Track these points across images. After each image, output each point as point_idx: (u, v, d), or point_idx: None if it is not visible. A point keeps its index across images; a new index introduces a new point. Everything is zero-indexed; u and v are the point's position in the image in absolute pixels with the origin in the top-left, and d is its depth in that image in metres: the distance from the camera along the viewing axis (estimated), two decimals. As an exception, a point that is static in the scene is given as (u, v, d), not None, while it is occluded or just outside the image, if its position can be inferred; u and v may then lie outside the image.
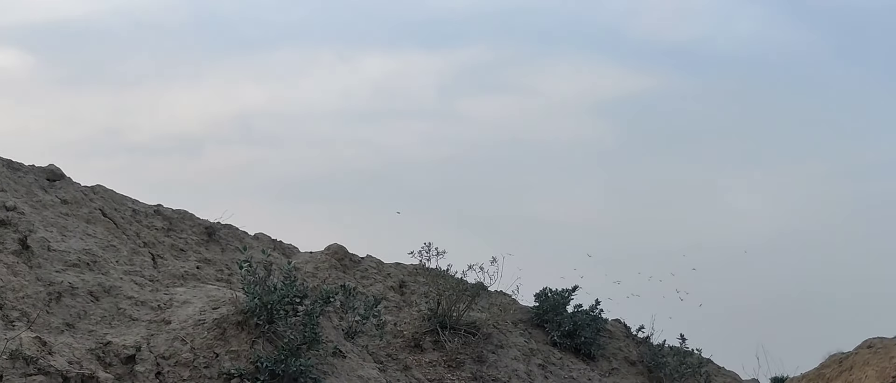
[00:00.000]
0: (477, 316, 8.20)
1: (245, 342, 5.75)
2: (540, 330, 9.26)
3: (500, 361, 7.60)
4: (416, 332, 7.55)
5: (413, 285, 8.86)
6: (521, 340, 8.41)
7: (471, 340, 7.64)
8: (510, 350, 7.95)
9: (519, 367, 7.70)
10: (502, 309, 9.14)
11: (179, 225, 8.26)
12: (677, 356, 9.78)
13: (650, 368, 9.68)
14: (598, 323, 9.64)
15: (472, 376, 7.16)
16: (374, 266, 9.13)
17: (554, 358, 8.60)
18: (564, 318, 9.27)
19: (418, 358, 7.23)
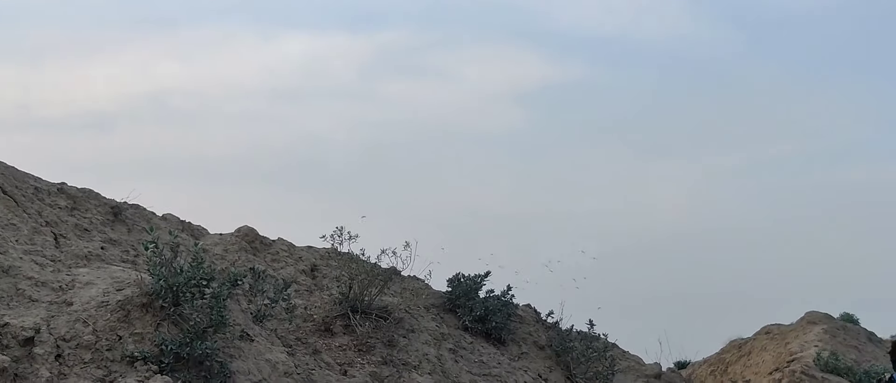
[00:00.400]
0: (389, 301, 8.22)
1: (150, 324, 5.64)
2: (452, 314, 9.35)
3: (410, 345, 7.64)
4: (327, 316, 7.52)
5: (325, 269, 8.83)
6: (432, 325, 8.47)
7: (382, 324, 7.65)
8: (421, 334, 8.00)
9: (430, 351, 7.76)
10: (414, 293, 9.19)
11: (84, 204, 8.01)
12: (584, 340, 10.01)
13: (558, 352, 9.88)
14: (509, 309, 9.79)
15: (383, 360, 7.18)
16: (286, 249, 9.05)
17: (465, 343, 8.69)
18: (476, 303, 9.38)
19: (328, 342, 7.20)
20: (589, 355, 9.68)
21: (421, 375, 7.23)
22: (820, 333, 29.91)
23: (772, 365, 25.35)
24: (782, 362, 24.99)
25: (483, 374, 8.13)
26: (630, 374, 11.28)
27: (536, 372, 9.14)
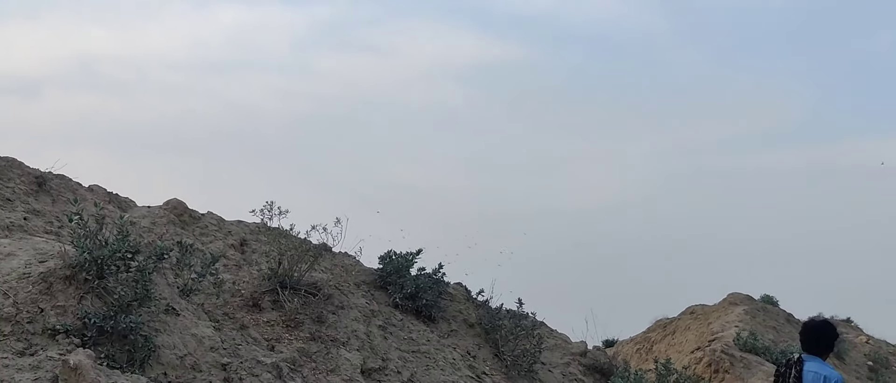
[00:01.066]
0: (319, 277, 8.22)
1: (72, 297, 5.55)
2: (382, 291, 9.39)
3: (339, 322, 7.67)
4: (256, 292, 7.49)
5: (255, 244, 8.78)
6: (362, 301, 8.50)
7: (311, 301, 7.65)
8: (351, 311, 8.03)
9: (359, 328, 7.80)
10: (345, 270, 9.20)
11: (6, 173, 7.81)
12: (513, 319, 10.16)
13: (487, 330, 10.02)
14: (440, 286, 9.88)
15: (311, 336, 7.19)
16: (215, 223, 8.97)
17: (395, 320, 8.75)
18: (407, 281, 9.44)
19: (256, 317, 7.19)
20: (517, 333, 9.82)
21: (349, 352, 7.27)
22: (741, 314, 30.88)
23: (694, 345, 26.10)
24: (704, 341, 25.74)
25: (412, 351, 8.21)
26: (557, 352, 11.51)
27: (465, 350, 9.26)
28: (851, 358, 34.64)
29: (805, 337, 6.61)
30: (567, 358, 11.37)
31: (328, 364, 6.92)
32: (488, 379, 8.69)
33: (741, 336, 24.45)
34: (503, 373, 9.21)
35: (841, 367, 30.31)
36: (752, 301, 36.14)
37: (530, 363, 9.69)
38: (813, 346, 6.48)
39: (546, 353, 10.88)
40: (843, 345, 34.05)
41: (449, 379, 7.97)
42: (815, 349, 6.42)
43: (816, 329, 6.59)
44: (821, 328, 6.59)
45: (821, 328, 6.59)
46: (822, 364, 6.41)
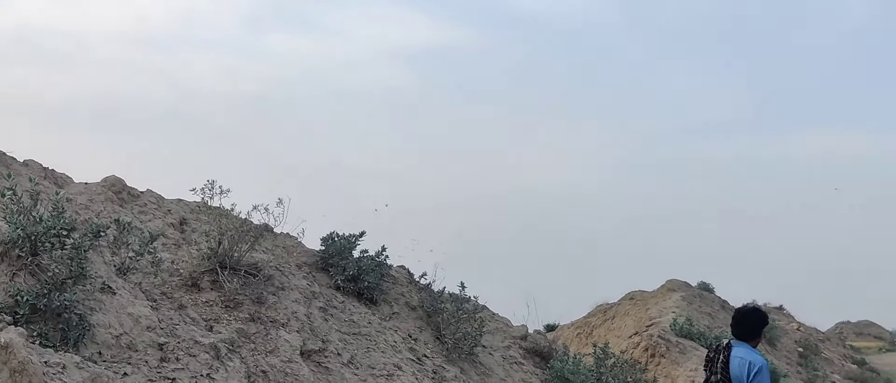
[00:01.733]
0: (259, 258, 8.16)
1: (5, 274, 5.43)
2: (324, 273, 9.36)
3: (280, 303, 7.62)
4: (195, 271, 7.39)
5: (195, 223, 8.67)
6: (303, 283, 8.46)
7: (251, 281, 7.59)
8: (291, 292, 7.98)
9: (299, 309, 7.76)
10: (286, 251, 9.15)
11: (-65, 145, 7.56)
12: (455, 302, 10.22)
13: (429, 313, 10.06)
14: (383, 269, 9.89)
15: (250, 317, 7.13)
16: (155, 201, 8.83)
17: (336, 302, 8.74)
18: (350, 263, 9.42)
19: (195, 297, 7.10)
20: (459, 316, 9.88)
21: (289, 333, 7.24)
22: (678, 300, 31.60)
23: (632, 329, 26.64)
24: (642, 326, 26.29)
25: (353, 333, 8.21)
26: (498, 335, 11.62)
27: (407, 332, 9.29)
28: (783, 345, 35.72)
29: (735, 324, 6.82)
30: (508, 341, 11.49)
31: (267, 345, 6.88)
32: (429, 362, 8.73)
33: (677, 321, 25.05)
34: (444, 356, 9.26)
35: (772, 353, 31.24)
36: (689, 287, 37.04)
37: (471, 346, 9.77)
38: (742, 332, 6.69)
39: (487, 337, 10.98)
40: (774, 332, 35.10)
41: (389, 362, 7.99)
42: (744, 335, 6.63)
43: (745, 315, 6.80)
44: (749, 314, 6.80)
45: (749, 314, 6.80)
46: (749, 349, 6.61)
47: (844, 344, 66.66)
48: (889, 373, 46.39)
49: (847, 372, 39.84)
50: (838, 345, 57.82)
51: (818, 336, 51.01)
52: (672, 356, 21.48)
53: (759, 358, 6.59)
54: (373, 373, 7.59)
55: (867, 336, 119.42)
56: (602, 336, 28.65)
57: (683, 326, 24.48)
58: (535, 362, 11.34)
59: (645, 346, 22.46)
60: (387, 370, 7.79)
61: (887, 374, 44.10)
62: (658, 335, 22.88)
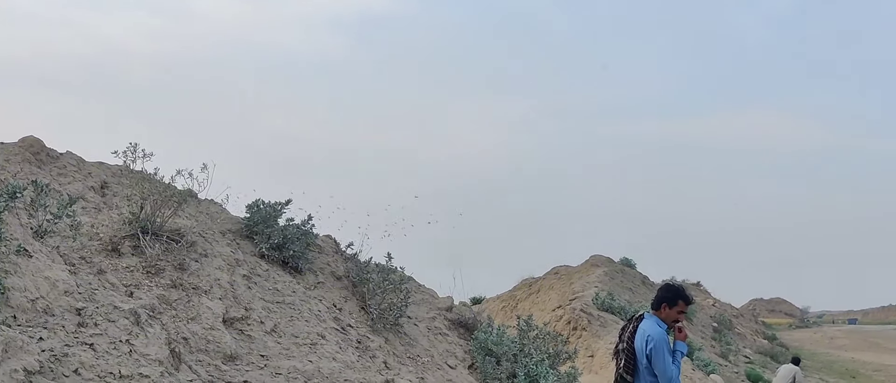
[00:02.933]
0: (182, 224, 8.03)
1: (-89, 235, 5.23)
2: (249, 241, 9.26)
3: (202, 270, 7.52)
4: (115, 236, 7.24)
5: (116, 187, 8.47)
6: (227, 250, 8.36)
7: (173, 247, 7.47)
8: (215, 259, 7.88)
9: (222, 277, 7.67)
10: (210, 217, 9.02)
11: None
12: (381, 273, 10.24)
13: (355, 283, 10.06)
14: (309, 238, 9.82)
15: (172, 283, 7.03)
16: (74, 163, 8.59)
17: (260, 270, 8.66)
18: (275, 231, 9.33)
19: (115, 262, 6.96)
20: (385, 287, 9.91)
21: (211, 300, 7.16)
22: (601, 275, 32.30)
23: (556, 303, 27.15)
24: (565, 300, 26.80)
25: (277, 302, 8.16)
26: (423, 306, 11.70)
27: (331, 302, 9.28)
28: (698, 320, 36.83)
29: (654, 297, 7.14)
30: (433, 312, 11.58)
31: (189, 312, 6.80)
32: (353, 332, 8.75)
33: (599, 296, 25.63)
34: (369, 326, 9.29)
35: (689, 327, 32.17)
36: (611, 263, 37.84)
37: (396, 316, 9.82)
38: (653, 304, 7.03)
39: (412, 308, 11.05)
40: (690, 308, 35.97)
41: (313, 331, 7.98)
42: (654, 307, 6.95)
43: (659, 289, 7.16)
44: (661, 289, 7.16)
45: (661, 289, 7.16)
46: (654, 322, 6.92)
47: (757, 320, 69.20)
48: (797, 349, 48.33)
49: (758, 347, 41.39)
50: (751, 321, 60.01)
51: (732, 312, 52.89)
52: (593, 329, 21.97)
53: (656, 331, 6.87)
54: (296, 342, 7.57)
55: (778, 313, 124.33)
56: (527, 309, 29.10)
57: (605, 300, 25.06)
58: (459, 333, 11.46)
59: (567, 319, 22.91)
60: (310, 339, 7.78)
61: (796, 349, 45.95)
62: (580, 308, 23.36)
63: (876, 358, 43.69)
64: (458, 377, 9.71)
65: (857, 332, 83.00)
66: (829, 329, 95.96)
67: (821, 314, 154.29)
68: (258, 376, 6.59)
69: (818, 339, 68.48)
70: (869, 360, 42.93)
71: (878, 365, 39.58)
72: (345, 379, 7.37)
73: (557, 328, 22.07)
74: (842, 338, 67.96)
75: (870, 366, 39.16)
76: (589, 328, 21.77)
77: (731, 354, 31.60)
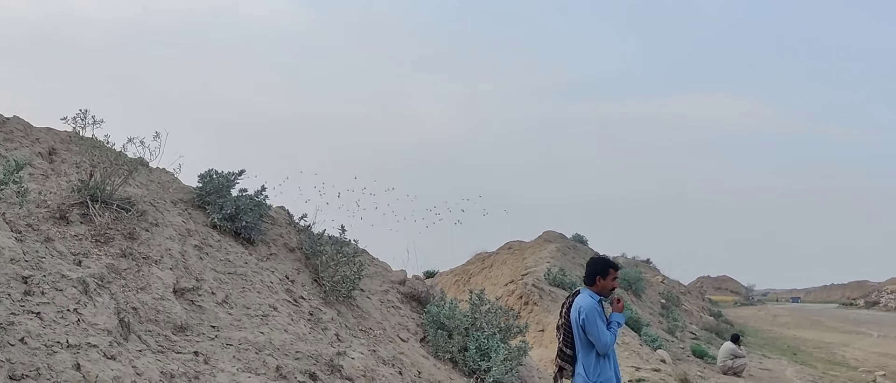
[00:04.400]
0: (133, 192, 7.91)
1: None
2: (201, 211, 9.17)
3: (153, 239, 7.43)
4: (63, 203, 7.10)
5: (65, 154, 8.30)
6: (179, 220, 8.27)
7: (123, 216, 7.36)
8: (166, 228, 7.79)
9: (173, 246, 7.59)
10: (162, 186, 8.90)
11: None
12: (335, 245, 10.23)
13: (308, 255, 10.04)
14: (262, 209, 9.76)
15: (122, 253, 6.93)
16: (21, 129, 8.39)
17: (212, 240, 8.59)
18: (227, 201, 9.25)
19: (63, 230, 6.83)
20: (338, 259, 9.90)
21: (162, 270, 7.08)
22: (553, 251, 32.63)
23: (509, 278, 27.38)
24: (518, 275, 27.04)
25: (228, 272, 8.10)
26: (376, 280, 11.72)
27: (284, 274, 9.25)
28: (647, 296, 37.44)
29: (585, 273, 7.52)
30: (386, 285, 11.61)
31: (139, 281, 6.72)
32: (306, 304, 8.74)
33: (551, 271, 25.91)
34: (321, 298, 9.28)
35: (637, 303, 32.69)
36: (564, 239, 38.24)
37: (349, 289, 9.83)
38: (584, 279, 7.43)
39: (366, 280, 11.06)
40: (640, 284, 36.66)
41: (265, 302, 7.95)
42: (587, 280, 7.37)
43: (588, 264, 7.54)
44: (589, 263, 7.53)
45: (589, 263, 7.53)
46: (586, 295, 7.29)
47: (704, 298, 70.61)
48: (742, 326, 49.41)
49: (704, 323, 42.27)
50: (698, 298, 61.22)
51: (680, 289, 53.90)
52: (544, 304, 22.22)
53: (587, 302, 7.20)
54: (247, 313, 7.54)
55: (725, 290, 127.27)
56: (479, 283, 29.30)
57: (557, 276, 25.34)
58: (412, 306, 11.51)
59: (519, 294, 23.13)
60: (262, 310, 7.75)
61: (740, 326, 46.99)
62: (532, 283, 23.59)
63: (816, 336, 44.96)
64: (410, 350, 9.77)
65: (799, 310, 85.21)
66: (772, 307, 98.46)
67: (765, 292, 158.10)
68: (208, 347, 6.56)
69: (762, 317, 70.12)
70: (810, 338, 44.16)
71: (818, 342, 40.73)
72: (296, 350, 7.37)
73: (509, 302, 22.28)
74: (785, 316, 69.69)
75: (810, 343, 40.29)
76: (540, 303, 22.02)
77: (677, 330, 32.23)
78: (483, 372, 10.07)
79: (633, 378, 15.93)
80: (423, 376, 9.13)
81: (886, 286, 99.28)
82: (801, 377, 24.57)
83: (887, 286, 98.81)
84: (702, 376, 19.41)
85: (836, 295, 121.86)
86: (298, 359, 7.28)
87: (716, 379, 19.72)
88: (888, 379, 25.37)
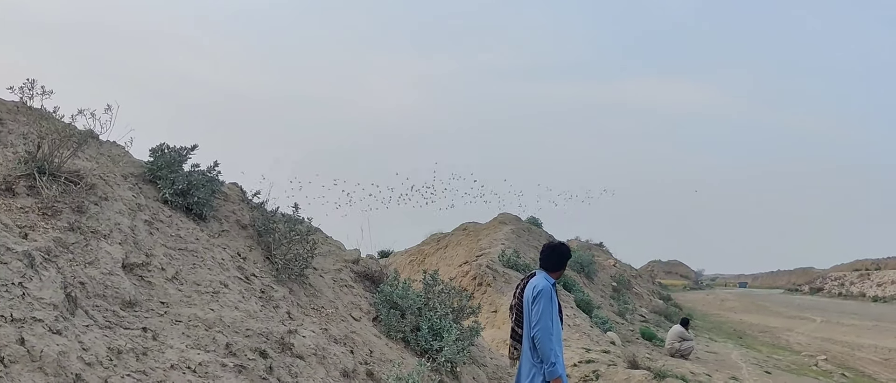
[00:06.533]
0: (82, 165, 7.76)
1: None
2: (152, 186, 9.03)
3: (102, 213, 7.31)
4: (10, 175, 6.94)
5: (12, 124, 8.10)
6: (129, 194, 8.14)
7: (72, 189, 7.22)
8: (115, 203, 7.67)
9: (123, 221, 7.48)
10: (112, 160, 8.75)
11: None
12: (288, 223, 10.16)
13: (260, 232, 9.96)
14: (214, 185, 9.64)
15: (69, 226, 6.81)
16: (-35, 98, 8.18)
17: (163, 216, 8.47)
18: (179, 176, 9.12)
19: (9, 202, 6.69)
20: (291, 237, 9.84)
21: (110, 244, 6.98)
22: (508, 233, 32.82)
23: (463, 258, 27.49)
24: (472, 256, 27.17)
25: (179, 249, 8.01)
26: (330, 258, 11.69)
27: (235, 251, 9.17)
28: (599, 279, 37.91)
29: (540, 255, 7.83)
30: (339, 264, 11.59)
31: (87, 256, 6.61)
32: (257, 281, 8.68)
33: (506, 253, 26.08)
34: (273, 276, 9.23)
35: (589, 286, 33.10)
36: (519, 221, 38.47)
37: (302, 267, 9.78)
38: (542, 262, 7.71)
39: (319, 259, 11.02)
40: (592, 268, 37.09)
41: (216, 279, 7.88)
42: (543, 265, 7.66)
43: (544, 248, 7.84)
44: (545, 248, 7.84)
45: (545, 248, 7.84)
46: (542, 277, 7.55)
47: (654, 281, 71.67)
48: (690, 309, 50.30)
49: (653, 307, 42.94)
50: (648, 282, 62.12)
51: (631, 272, 54.65)
52: (498, 285, 22.37)
53: (542, 283, 7.46)
54: (198, 290, 7.47)
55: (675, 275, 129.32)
56: (434, 263, 29.39)
57: (511, 257, 25.52)
58: (365, 286, 11.51)
59: (473, 275, 23.26)
60: (213, 287, 7.69)
61: (688, 310, 47.84)
62: (486, 265, 23.73)
63: (762, 321, 45.98)
64: (362, 329, 9.77)
65: (746, 295, 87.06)
66: (720, 291, 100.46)
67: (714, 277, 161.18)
68: (157, 323, 6.49)
69: (710, 301, 71.47)
70: (755, 322, 45.15)
71: (763, 327, 41.65)
72: (247, 328, 7.33)
73: (463, 283, 22.39)
74: (732, 301, 71.14)
75: (756, 328, 41.18)
76: (494, 284, 22.16)
77: (627, 313, 32.71)
78: (435, 351, 10.12)
79: (583, 359, 16.15)
80: (374, 355, 9.15)
81: (830, 273, 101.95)
82: (745, 360, 25.13)
83: (831, 273, 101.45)
84: (650, 358, 19.74)
85: (783, 281, 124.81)
86: (249, 337, 7.24)
87: (663, 361, 20.07)
88: (830, 363, 26.08)
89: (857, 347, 30.97)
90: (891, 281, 77.31)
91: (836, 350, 30.21)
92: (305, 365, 7.59)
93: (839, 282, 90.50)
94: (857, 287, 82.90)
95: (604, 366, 15.49)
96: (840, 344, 32.40)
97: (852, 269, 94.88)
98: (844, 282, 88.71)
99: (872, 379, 23.16)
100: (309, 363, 7.67)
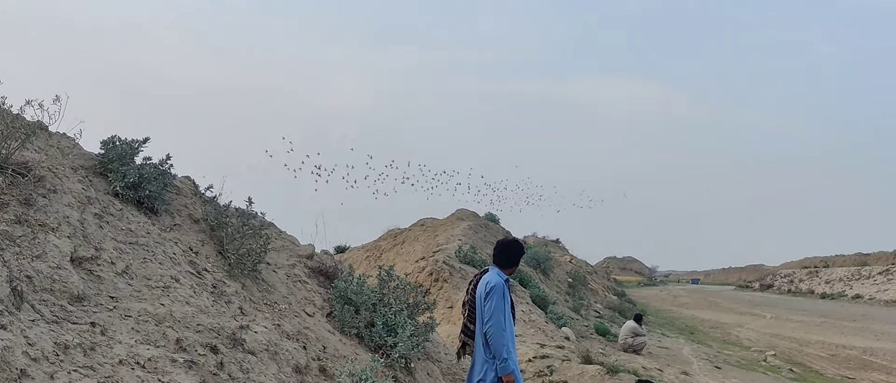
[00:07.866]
0: (30, 157, 7.61)
1: None
2: (102, 179, 8.90)
3: (50, 206, 7.18)
4: (-47, 166, 6.80)
5: (-44, 114, 7.92)
6: (78, 187, 8.01)
7: (19, 181, 7.08)
8: (64, 195, 7.54)
9: (72, 214, 7.36)
10: (61, 152, 8.60)
11: None
12: (241, 217, 10.08)
13: (213, 227, 9.87)
14: (166, 178, 9.53)
15: (16, 219, 6.68)
16: None
17: (113, 209, 8.36)
18: (130, 169, 8.99)
19: (-48, 194, 6.55)
20: (244, 232, 9.76)
21: (59, 238, 6.86)
22: (465, 229, 32.93)
23: (420, 254, 27.53)
24: (429, 252, 27.22)
25: (129, 242, 7.91)
26: (284, 253, 11.62)
27: (187, 245, 9.08)
28: (555, 275, 38.19)
29: (493, 251, 7.92)
30: (293, 259, 11.53)
31: (34, 249, 6.50)
32: (209, 276, 8.61)
33: (462, 249, 26.15)
34: (225, 271, 9.16)
35: (545, 282, 33.33)
36: (476, 217, 38.61)
37: (255, 262, 9.72)
38: (495, 259, 7.79)
39: (272, 254, 10.96)
40: (549, 263, 37.35)
41: (167, 273, 7.80)
42: (497, 261, 7.73)
43: (498, 245, 7.94)
44: (498, 245, 7.94)
45: (498, 245, 7.94)
46: (495, 273, 7.62)
47: (609, 277, 72.42)
48: (644, 305, 50.96)
49: (608, 302, 43.42)
50: (604, 278, 62.76)
51: (587, 268, 55.16)
52: (454, 281, 22.43)
53: (495, 279, 7.54)
54: (148, 284, 7.38)
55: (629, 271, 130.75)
56: (391, 259, 29.38)
57: (468, 253, 25.60)
58: (319, 281, 11.47)
59: (430, 271, 23.30)
60: (163, 282, 7.60)
61: (642, 306, 48.45)
62: (443, 261, 23.78)
63: (713, 316, 46.76)
64: (316, 324, 9.74)
65: (698, 291, 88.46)
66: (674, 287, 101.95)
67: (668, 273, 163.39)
68: (106, 317, 6.41)
69: (664, 297, 72.45)
70: (707, 318, 45.88)
71: (715, 322, 42.35)
72: (198, 323, 7.27)
73: (420, 279, 22.41)
74: (685, 297, 72.22)
75: (708, 323, 41.86)
76: (450, 280, 22.22)
77: (582, 309, 33.02)
78: (389, 347, 10.13)
79: (538, 354, 16.28)
80: (328, 351, 9.13)
81: (780, 270, 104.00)
82: (696, 355, 25.54)
83: (781, 270, 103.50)
84: (603, 353, 19.97)
85: (734, 278, 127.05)
86: (200, 332, 7.18)
87: (617, 356, 20.32)
88: (779, 358, 26.61)
89: (806, 343, 31.65)
90: (838, 278, 79.12)
91: (785, 345, 30.84)
92: (257, 360, 7.55)
93: (789, 279, 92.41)
94: (806, 284, 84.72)
95: (558, 361, 15.63)
96: (789, 339, 33.08)
97: (801, 267, 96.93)
98: (794, 279, 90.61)
99: (820, 375, 23.69)
100: (261, 358, 7.62)
